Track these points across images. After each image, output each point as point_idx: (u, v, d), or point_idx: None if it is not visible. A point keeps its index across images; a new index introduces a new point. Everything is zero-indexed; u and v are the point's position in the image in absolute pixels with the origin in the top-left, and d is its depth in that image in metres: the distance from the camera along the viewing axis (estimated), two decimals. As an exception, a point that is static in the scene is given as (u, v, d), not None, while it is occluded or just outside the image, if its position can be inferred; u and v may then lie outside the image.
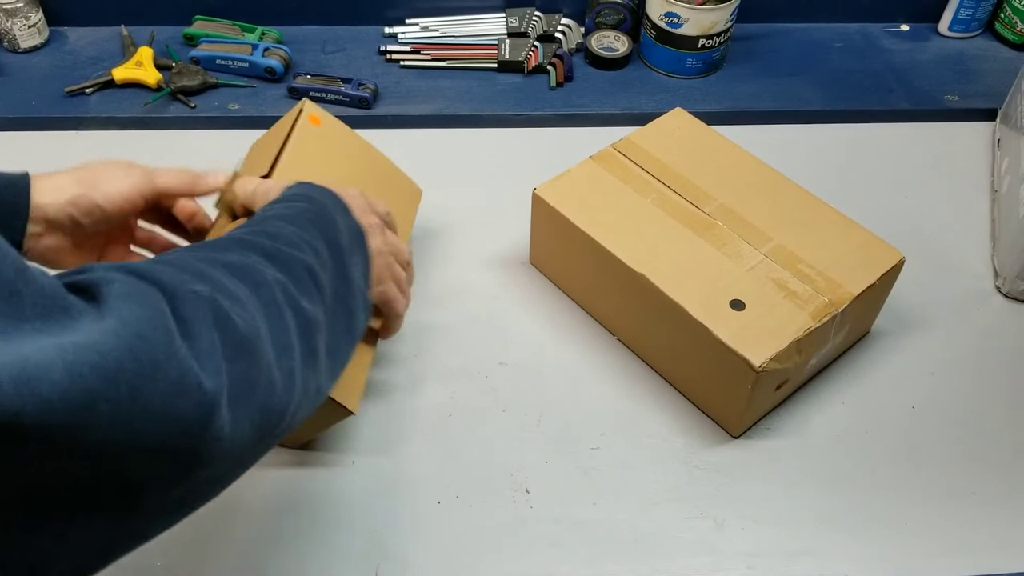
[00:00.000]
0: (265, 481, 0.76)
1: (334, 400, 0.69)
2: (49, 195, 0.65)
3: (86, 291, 0.41)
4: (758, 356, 0.74)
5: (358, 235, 0.64)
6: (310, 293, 0.54)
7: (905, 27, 1.29)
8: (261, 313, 0.48)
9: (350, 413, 0.71)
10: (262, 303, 0.49)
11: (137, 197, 0.69)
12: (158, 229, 0.76)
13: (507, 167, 1.07)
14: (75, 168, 0.68)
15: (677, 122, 0.96)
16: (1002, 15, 1.25)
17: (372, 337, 0.75)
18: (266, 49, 1.14)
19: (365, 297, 0.63)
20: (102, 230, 0.69)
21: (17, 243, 0.65)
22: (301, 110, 0.84)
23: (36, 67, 1.15)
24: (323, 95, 1.11)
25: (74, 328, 0.37)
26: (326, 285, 0.56)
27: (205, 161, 0.74)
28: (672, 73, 1.19)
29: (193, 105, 1.10)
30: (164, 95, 1.10)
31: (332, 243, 0.59)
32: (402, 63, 1.18)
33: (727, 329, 0.75)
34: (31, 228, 0.65)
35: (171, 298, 0.43)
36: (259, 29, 1.18)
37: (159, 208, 0.73)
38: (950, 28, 1.26)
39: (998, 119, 1.13)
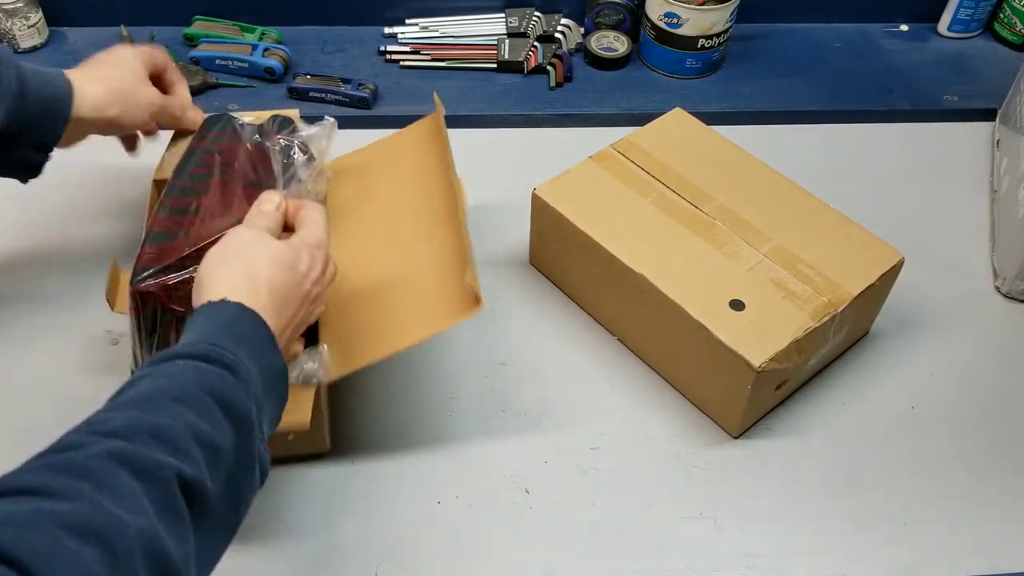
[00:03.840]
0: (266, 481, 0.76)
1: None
2: (88, 110, 0.77)
3: None
4: (758, 356, 0.74)
5: (277, 376, 0.60)
6: (181, 531, 0.50)
7: (904, 27, 1.29)
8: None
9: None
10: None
11: (153, 120, 0.84)
12: None
13: (507, 167, 1.07)
14: (107, 80, 0.79)
15: (677, 122, 0.96)
16: (1001, 15, 1.25)
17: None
18: (266, 49, 1.14)
19: (262, 457, 0.58)
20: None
21: (57, 137, 0.77)
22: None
23: (36, 67, 1.15)
24: (323, 95, 1.11)
25: None
26: (217, 487, 0.52)
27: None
28: (672, 73, 1.19)
29: (193, 105, 1.10)
30: (164, 95, 1.10)
31: (239, 420, 0.55)
32: (402, 63, 1.18)
33: (727, 329, 0.76)
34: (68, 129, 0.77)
35: None
36: (259, 29, 1.18)
37: None
38: (949, 28, 1.26)
39: (997, 119, 1.13)
